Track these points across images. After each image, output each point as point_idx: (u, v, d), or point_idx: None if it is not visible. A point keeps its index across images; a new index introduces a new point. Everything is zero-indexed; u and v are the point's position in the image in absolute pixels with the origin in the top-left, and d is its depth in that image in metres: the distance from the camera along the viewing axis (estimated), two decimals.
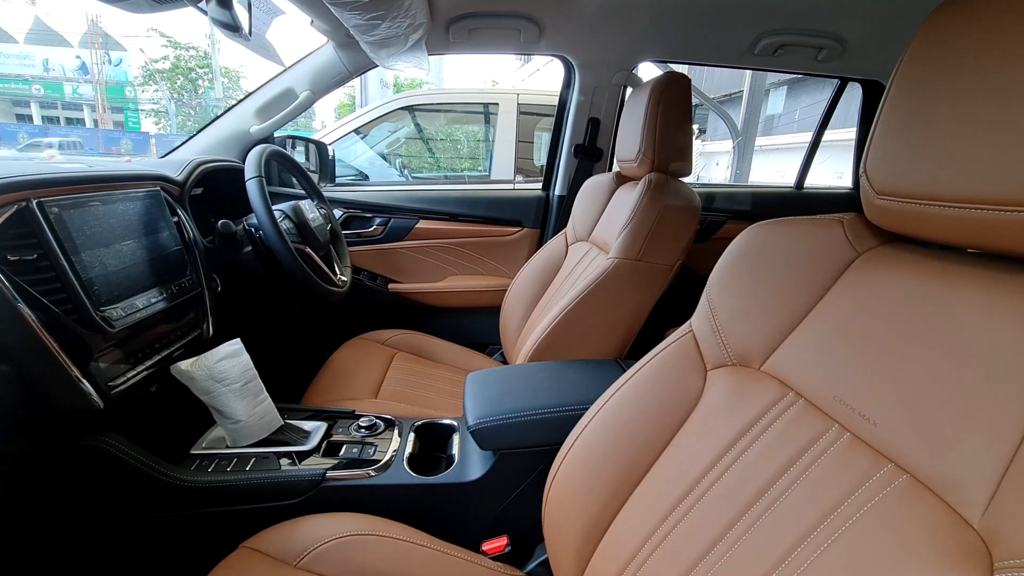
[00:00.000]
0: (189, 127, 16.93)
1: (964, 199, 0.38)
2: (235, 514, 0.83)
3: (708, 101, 2.62)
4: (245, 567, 0.64)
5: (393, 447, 0.93)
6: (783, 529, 0.44)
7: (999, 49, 0.37)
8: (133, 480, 0.79)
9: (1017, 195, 0.35)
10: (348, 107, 12.41)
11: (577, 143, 1.66)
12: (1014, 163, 0.35)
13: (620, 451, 0.60)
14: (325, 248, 1.31)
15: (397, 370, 1.30)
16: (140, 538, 0.83)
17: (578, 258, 1.28)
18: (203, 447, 0.90)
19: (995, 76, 0.37)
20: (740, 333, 0.57)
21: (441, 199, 1.76)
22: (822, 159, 1.97)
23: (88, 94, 17.02)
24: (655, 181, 1.05)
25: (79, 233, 0.74)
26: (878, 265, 0.49)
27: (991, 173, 0.37)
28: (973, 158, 0.38)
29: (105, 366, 0.76)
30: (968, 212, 0.38)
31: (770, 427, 0.50)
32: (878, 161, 0.46)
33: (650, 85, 1.08)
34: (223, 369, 0.86)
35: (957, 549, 0.34)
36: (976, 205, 0.37)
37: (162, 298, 0.87)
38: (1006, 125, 0.36)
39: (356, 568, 0.66)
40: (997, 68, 0.37)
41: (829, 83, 1.85)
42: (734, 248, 0.62)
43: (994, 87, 0.37)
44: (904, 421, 0.40)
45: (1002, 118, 0.36)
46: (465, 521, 0.87)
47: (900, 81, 0.44)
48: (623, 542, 0.56)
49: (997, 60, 0.37)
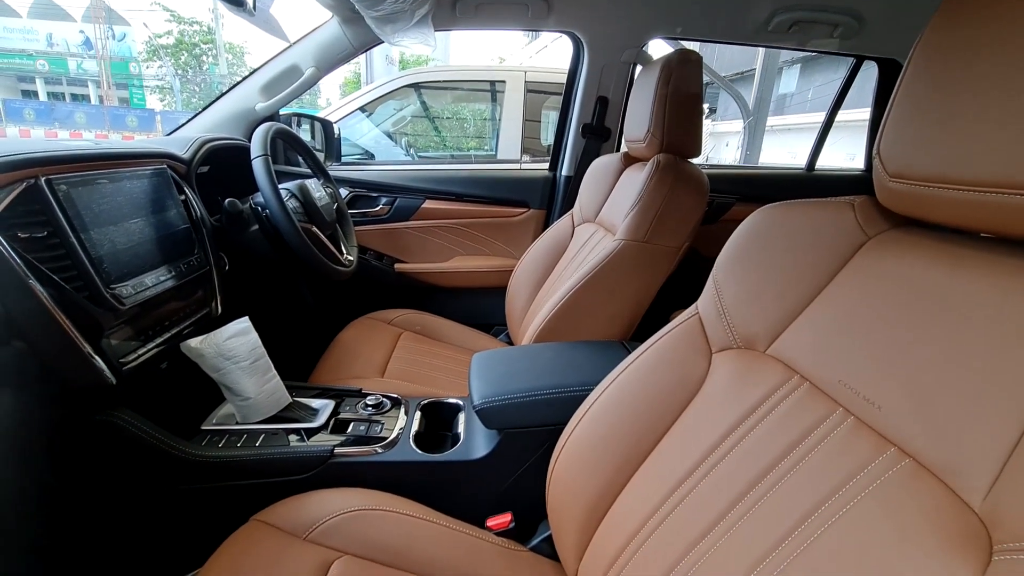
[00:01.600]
0: (194, 104, 16.81)
1: (980, 182, 0.38)
2: (246, 488, 0.85)
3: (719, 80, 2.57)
4: (256, 539, 0.66)
5: (399, 425, 0.94)
6: (784, 510, 0.44)
7: (1017, 31, 0.36)
8: (147, 454, 0.81)
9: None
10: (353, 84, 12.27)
11: (585, 122, 1.64)
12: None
13: (623, 432, 0.61)
14: (331, 228, 1.31)
15: (403, 349, 1.31)
16: (154, 510, 0.85)
17: (584, 239, 1.28)
18: (214, 423, 0.91)
19: (1017, 57, 0.36)
20: (746, 316, 0.57)
21: (447, 179, 1.75)
22: (835, 140, 1.93)
23: (93, 70, 16.90)
24: (663, 162, 1.04)
25: (87, 211, 0.74)
26: (888, 249, 0.48)
27: (1009, 156, 0.36)
28: (990, 141, 0.37)
29: (116, 343, 0.77)
30: (983, 196, 0.37)
31: (774, 410, 0.50)
32: (892, 143, 0.45)
33: (660, 63, 1.06)
34: (232, 347, 0.87)
35: (957, 532, 0.34)
36: (992, 189, 0.37)
37: (171, 276, 0.87)
38: (1018, 109, 0.35)
39: (364, 541, 0.67)
40: (1018, 49, 0.36)
41: (844, 62, 1.80)
42: (742, 230, 0.62)
43: (1015, 68, 0.36)
44: (909, 406, 0.40)
45: (1016, 102, 0.35)
46: (470, 498, 0.89)
47: (918, 60, 0.43)
48: (625, 521, 0.57)
49: (1019, 40, 0.36)
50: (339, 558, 0.65)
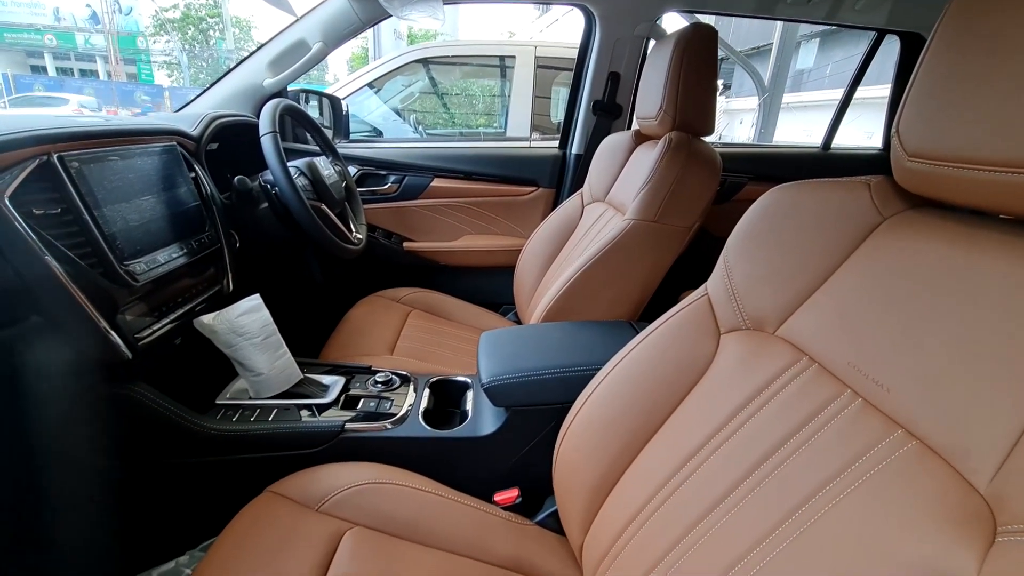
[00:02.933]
0: (202, 79, 16.70)
1: (1003, 162, 0.37)
2: (259, 461, 0.87)
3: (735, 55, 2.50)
4: (270, 510, 0.68)
5: (409, 402, 0.96)
6: (789, 488, 0.45)
7: None
8: (163, 428, 0.83)
9: None
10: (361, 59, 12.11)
11: (596, 99, 1.61)
12: None
13: (630, 412, 0.61)
14: (340, 205, 1.31)
15: (412, 328, 1.32)
16: (172, 481, 0.88)
17: (594, 219, 1.27)
18: (227, 398, 0.93)
19: None
20: (756, 297, 0.57)
21: (456, 157, 1.73)
22: (852, 118, 1.89)
23: (100, 44, 16.80)
24: (675, 140, 1.02)
25: (99, 187, 0.75)
26: (904, 230, 0.47)
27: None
28: (1014, 120, 0.36)
29: (131, 319, 0.78)
30: (1004, 176, 0.37)
31: (781, 391, 0.50)
32: (912, 121, 0.44)
33: (674, 37, 1.04)
34: (244, 323, 0.89)
35: (961, 513, 0.35)
36: (1013, 169, 0.36)
37: (183, 253, 0.88)
38: None
39: (374, 514, 0.69)
40: None
41: (865, 36, 1.74)
42: (755, 210, 0.61)
43: None
44: (918, 388, 0.40)
45: None
46: (478, 473, 0.91)
47: (942, 35, 0.42)
48: (630, 497, 0.58)
49: None
50: (350, 529, 0.66)
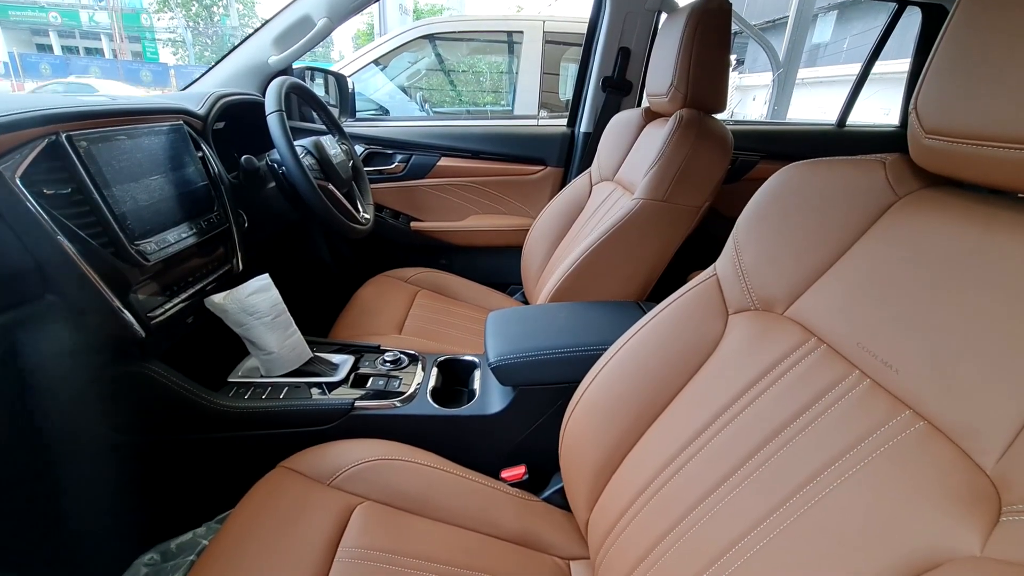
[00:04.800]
0: (207, 57, 16.56)
1: (1021, 139, 0.36)
2: (271, 437, 0.89)
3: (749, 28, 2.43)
4: (283, 484, 0.70)
5: (417, 380, 0.97)
6: (794, 468, 0.45)
7: None
8: (177, 405, 0.84)
9: None
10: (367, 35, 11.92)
11: (605, 75, 1.58)
12: None
13: (636, 391, 0.62)
14: (347, 185, 1.30)
15: (420, 307, 1.33)
16: (186, 458, 0.90)
17: (602, 198, 1.26)
18: (239, 375, 0.95)
19: None
20: (765, 278, 0.57)
21: (463, 135, 1.71)
22: (869, 94, 1.84)
23: (104, 22, 16.66)
24: (686, 118, 1.00)
25: (108, 167, 0.75)
26: (918, 209, 0.46)
27: None
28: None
29: (143, 298, 0.79)
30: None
31: (789, 371, 0.50)
32: (931, 96, 0.43)
33: (687, 11, 1.01)
34: (254, 303, 0.90)
35: (967, 492, 0.35)
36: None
37: (192, 233, 0.89)
38: None
39: (384, 489, 0.71)
40: None
41: (885, 8, 1.69)
42: (766, 189, 0.60)
43: None
44: (927, 368, 0.40)
45: None
46: (485, 451, 0.92)
47: (966, 6, 0.40)
48: (636, 474, 0.59)
49: None
50: (361, 503, 0.68)
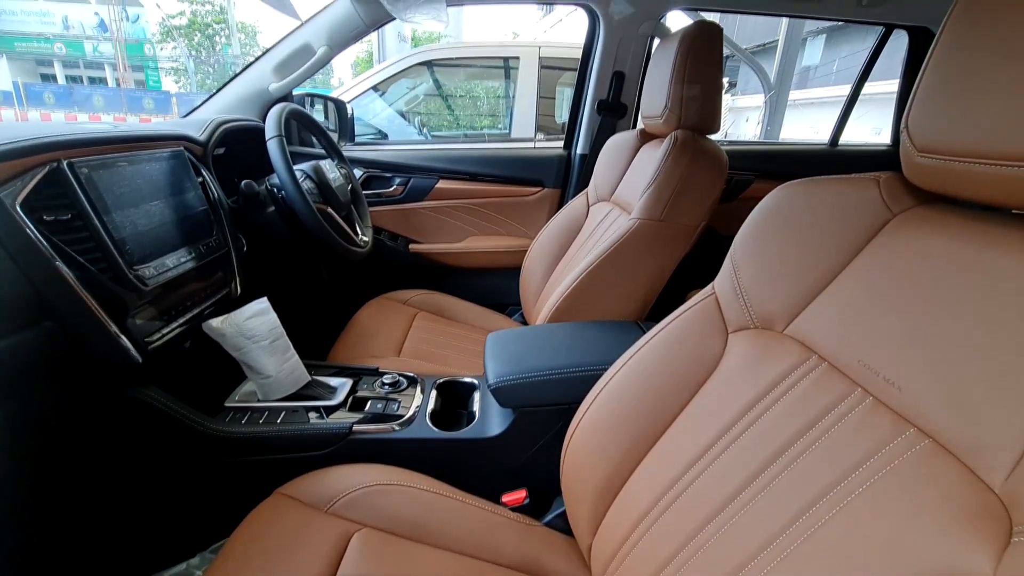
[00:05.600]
0: (208, 85, 16.86)
1: (1012, 156, 0.36)
2: (268, 463, 0.87)
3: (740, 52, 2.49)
4: (279, 511, 0.68)
5: (416, 403, 0.96)
6: (799, 488, 0.44)
7: None
8: (173, 430, 0.83)
9: None
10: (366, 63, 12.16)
11: (600, 99, 1.61)
12: None
13: (637, 412, 0.61)
14: (346, 208, 1.31)
15: (419, 329, 1.32)
16: (182, 483, 0.88)
17: (599, 219, 1.26)
18: (236, 400, 0.94)
19: None
20: (764, 295, 0.57)
21: (461, 158, 1.73)
22: (859, 114, 1.87)
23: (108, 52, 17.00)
24: (681, 139, 1.02)
25: (109, 193, 0.75)
26: (914, 227, 0.47)
27: None
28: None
29: (141, 322, 0.79)
30: (1016, 170, 0.36)
31: (791, 390, 0.50)
32: (922, 115, 0.43)
33: (679, 36, 1.03)
34: (252, 326, 0.89)
35: (977, 512, 0.34)
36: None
37: (191, 257, 0.89)
38: None
39: (383, 515, 0.69)
40: None
41: (872, 31, 1.73)
42: (762, 208, 0.60)
43: None
44: (930, 386, 0.40)
45: None
46: (485, 474, 0.91)
47: (951, 29, 0.41)
48: (639, 498, 0.58)
49: None
50: (359, 530, 0.67)
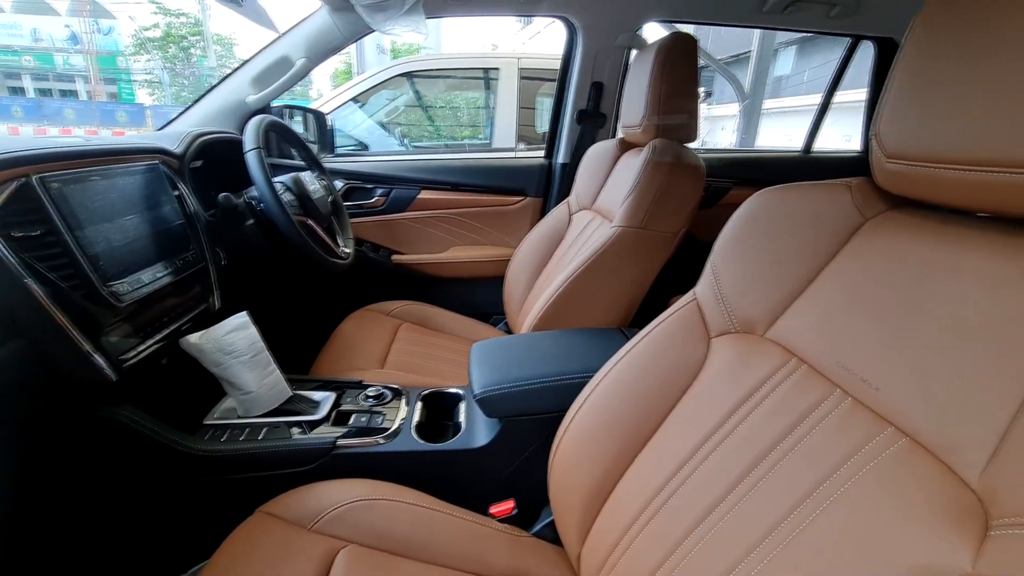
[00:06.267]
0: (184, 97, 16.63)
1: (978, 161, 0.38)
2: (250, 481, 0.85)
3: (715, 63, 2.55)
4: (262, 530, 0.67)
5: (401, 415, 0.95)
6: (783, 490, 0.45)
7: (1015, 8, 0.36)
8: (150, 450, 0.81)
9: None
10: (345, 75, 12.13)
11: (580, 108, 1.63)
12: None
13: (623, 418, 0.61)
14: (327, 220, 1.30)
15: (403, 340, 1.31)
16: (160, 505, 0.86)
17: (581, 227, 1.27)
18: (216, 417, 0.92)
19: (1011, 36, 0.36)
20: (744, 300, 0.58)
21: (442, 168, 1.74)
22: (831, 122, 1.93)
23: (80, 64, 16.70)
24: (660, 147, 1.03)
25: (81, 208, 0.74)
26: (886, 230, 0.48)
27: (1005, 135, 0.36)
28: (987, 119, 0.37)
29: (116, 340, 0.77)
30: (981, 175, 0.37)
31: (772, 393, 0.51)
32: (889, 123, 0.45)
33: (655, 47, 1.05)
34: (231, 342, 0.87)
35: (954, 508, 0.35)
36: (990, 168, 0.37)
37: (168, 272, 0.87)
38: (1021, 86, 0.35)
39: (369, 531, 0.68)
40: (1013, 27, 0.36)
41: (840, 42, 1.79)
42: (739, 215, 0.62)
43: (1010, 47, 0.36)
44: (906, 386, 0.41)
45: (1017, 79, 0.35)
46: (473, 486, 0.90)
47: (915, 39, 0.43)
48: (627, 504, 0.58)
49: (1012, 19, 0.36)
50: (344, 547, 0.65)
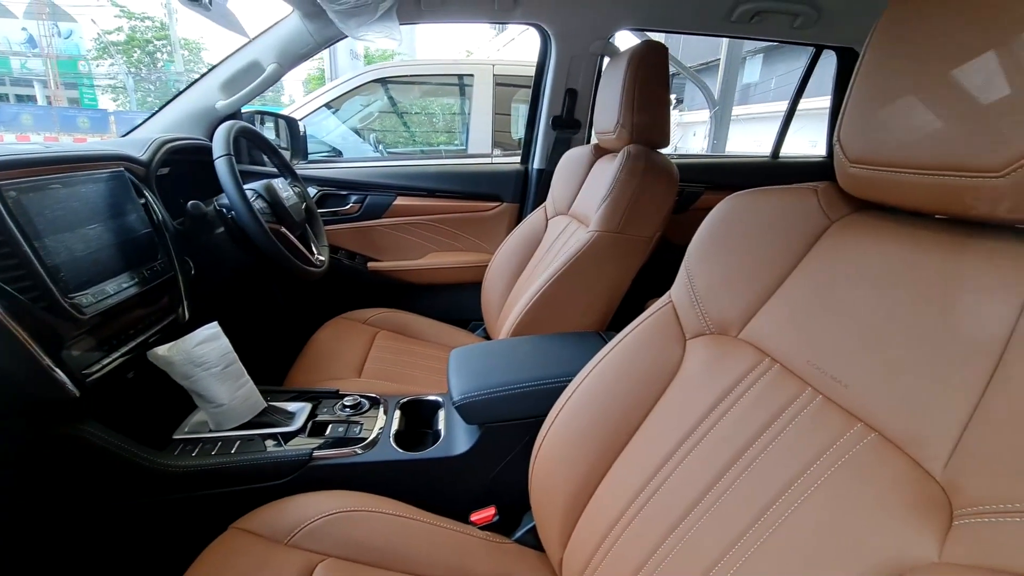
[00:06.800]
0: (150, 103, 16.16)
1: (932, 166, 0.39)
2: (222, 496, 0.83)
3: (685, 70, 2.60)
4: (235, 547, 0.65)
5: (379, 425, 0.93)
6: (759, 488, 0.46)
7: (964, 18, 0.37)
8: (116, 468, 0.78)
9: (980, 161, 0.36)
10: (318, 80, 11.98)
11: (555, 115, 1.64)
12: (976, 130, 0.36)
13: (602, 421, 0.62)
14: (301, 227, 1.28)
15: (380, 348, 1.29)
16: (128, 524, 0.82)
17: (558, 231, 1.28)
18: (186, 432, 0.89)
19: (960, 45, 0.38)
20: (718, 302, 0.59)
21: (418, 175, 1.73)
22: (797, 128, 1.99)
23: (38, 69, 16.08)
24: (634, 153, 1.05)
25: (40, 218, 0.71)
26: (850, 232, 0.50)
27: (958, 139, 0.38)
28: (941, 125, 0.39)
29: (78, 354, 0.74)
30: (935, 179, 0.39)
31: (747, 393, 0.52)
32: (851, 129, 0.46)
33: (627, 55, 1.07)
34: (202, 353, 0.85)
35: (921, 500, 0.36)
36: (943, 172, 0.39)
37: (134, 283, 0.84)
38: (970, 93, 0.37)
39: (347, 543, 0.67)
40: (962, 36, 0.37)
41: (805, 51, 1.85)
42: (712, 218, 0.63)
43: (960, 55, 0.38)
44: (873, 382, 0.42)
45: (967, 87, 0.37)
46: (453, 494, 0.89)
47: (873, 49, 0.45)
48: (607, 507, 0.58)
49: (962, 29, 0.37)
50: (323, 561, 0.64)
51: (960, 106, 0.37)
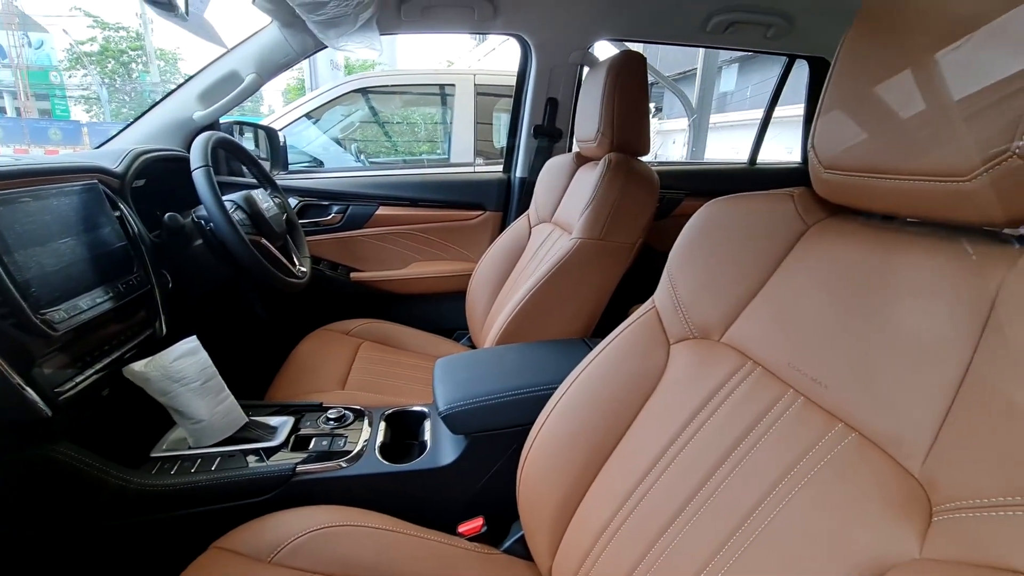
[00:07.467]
0: (125, 114, 15.87)
1: (903, 171, 0.40)
2: (203, 515, 0.80)
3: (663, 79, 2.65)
4: (217, 567, 0.63)
5: (364, 437, 0.92)
6: (745, 490, 0.46)
7: (929, 29, 0.39)
8: (91, 488, 0.75)
9: (949, 166, 0.37)
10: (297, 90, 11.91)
11: (536, 124, 1.65)
12: (943, 136, 0.38)
13: (589, 428, 0.62)
14: (282, 238, 1.27)
15: (364, 360, 1.28)
16: (105, 547, 0.80)
17: (541, 240, 1.29)
18: (164, 449, 0.86)
19: (927, 52, 0.39)
20: (700, 307, 0.59)
21: (400, 184, 1.72)
22: (773, 135, 2.03)
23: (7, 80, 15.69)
24: (615, 160, 1.06)
25: (10, 232, 0.69)
26: (827, 236, 0.51)
27: (924, 145, 0.39)
28: (910, 131, 0.40)
29: (50, 371, 0.71)
30: (906, 183, 0.40)
31: (730, 396, 0.52)
32: (824, 136, 0.48)
33: (606, 64, 1.09)
34: (180, 368, 0.83)
35: (900, 497, 0.37)
36: (913, 176, 0.40)
37: (108, 297, 0.82)
38: (936, 101, 0.38)
39: (333, 559, 0.65)
40: (929, 42, 0.39)
41: (778, 60, 1.90)
42: (692, 224, 0.64)
43: (927, 62, 0.39)
44: (852, 383, 0.43)
45: (934, 93, 0.38)
46: (440, 505, 0.88)
47: (844, 58, 0.46)
48: (595, 514, 0.58)
49: (929, 36, 0.39)
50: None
51: (927, 113, 0.39)
